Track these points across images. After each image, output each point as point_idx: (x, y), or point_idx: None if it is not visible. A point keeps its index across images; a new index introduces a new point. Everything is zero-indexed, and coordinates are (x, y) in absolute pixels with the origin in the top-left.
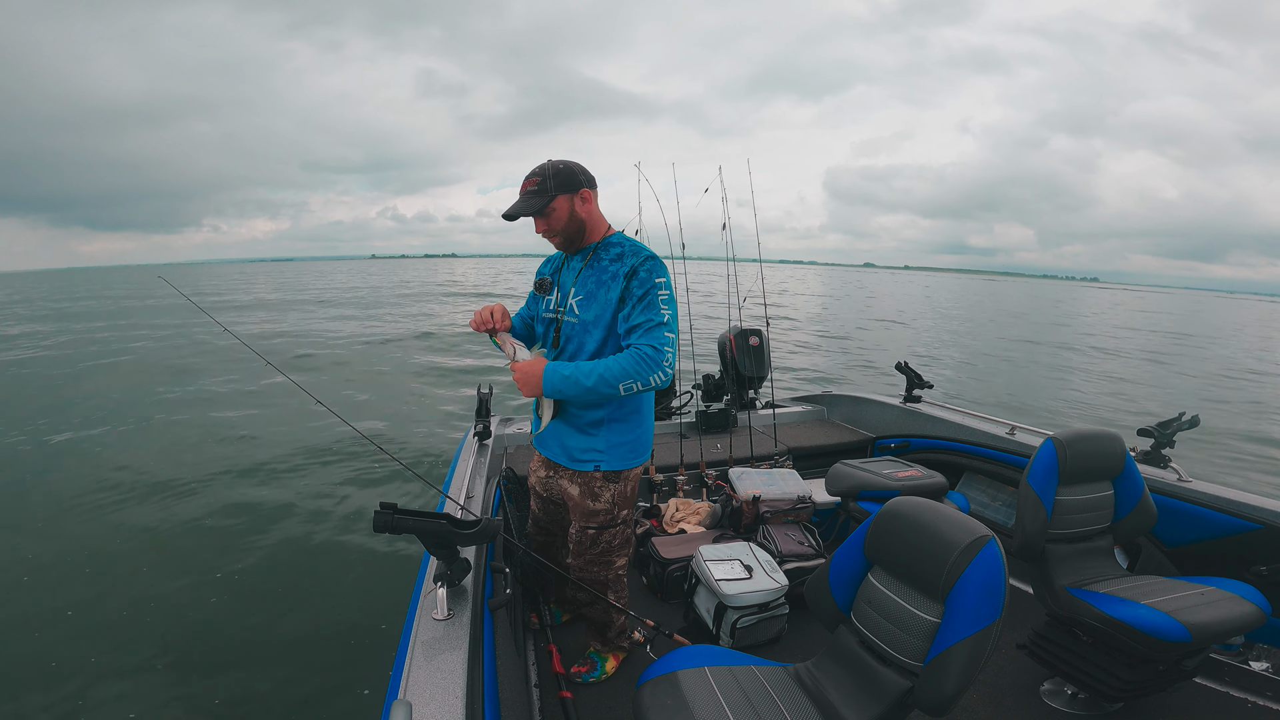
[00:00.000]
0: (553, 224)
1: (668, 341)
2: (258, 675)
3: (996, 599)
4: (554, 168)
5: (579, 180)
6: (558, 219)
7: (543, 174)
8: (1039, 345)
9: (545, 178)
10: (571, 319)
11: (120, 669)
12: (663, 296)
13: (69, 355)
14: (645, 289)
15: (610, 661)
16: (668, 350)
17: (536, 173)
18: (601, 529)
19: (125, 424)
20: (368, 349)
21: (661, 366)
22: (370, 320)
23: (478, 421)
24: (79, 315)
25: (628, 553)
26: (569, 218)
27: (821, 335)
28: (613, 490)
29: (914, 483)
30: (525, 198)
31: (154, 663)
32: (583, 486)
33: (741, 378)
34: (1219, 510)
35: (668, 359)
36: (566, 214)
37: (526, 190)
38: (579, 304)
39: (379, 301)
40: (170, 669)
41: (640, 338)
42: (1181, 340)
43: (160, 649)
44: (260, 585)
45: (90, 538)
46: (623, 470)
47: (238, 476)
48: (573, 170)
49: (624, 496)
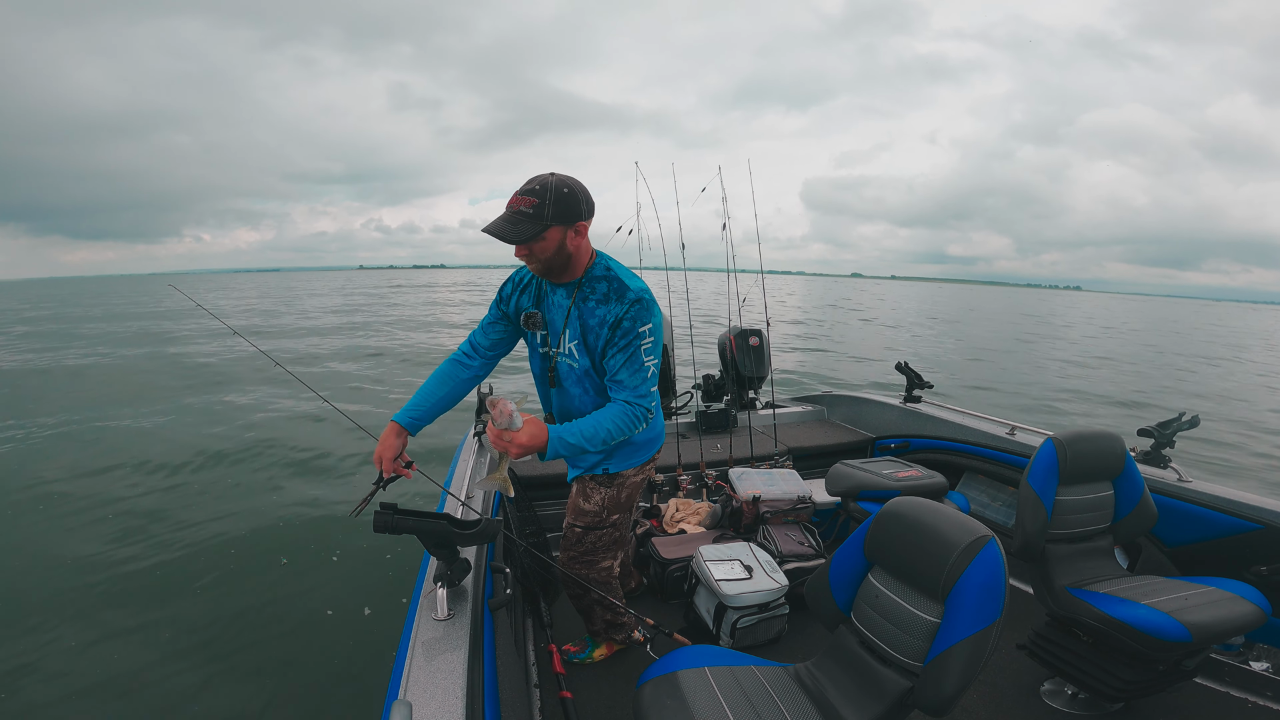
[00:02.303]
0: (537, 253)
1: (653, 396)
2: (257, 675)
3: (996, 599)
4: (556, 192)
5: (579, 212)
6: (543, 249)
7: (542, 197)
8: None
9: (544, 203)
10: (570, 363)
11: (120, 669)
12: (646, 347)
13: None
14: (628, 340)
15: (600, 649)
16: (652, 405)
17: (535, 192)
18: (588, 529)
19: (131, 420)
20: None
21: (641, 424)
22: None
23: (477, 422)
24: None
25: (617, 556)
26: (556, 250)
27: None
28: (603, 494)
29: (914, 483)
30: (515, 221)
31: (154, 662)
32: (578, 485)
33: (741, 378)
34: (1219, 510)
35: (650, 411)
36: (555, 247)
37: (518, 210)
38: (576, 349)
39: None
40: (170, 669)
41: (631, 395)
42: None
43: (160, 649)
44: (260, 585)
45: (87, 531)
46: (619, 473)
47: (236, 476)
48: (576, 198)
49: (615, 501)
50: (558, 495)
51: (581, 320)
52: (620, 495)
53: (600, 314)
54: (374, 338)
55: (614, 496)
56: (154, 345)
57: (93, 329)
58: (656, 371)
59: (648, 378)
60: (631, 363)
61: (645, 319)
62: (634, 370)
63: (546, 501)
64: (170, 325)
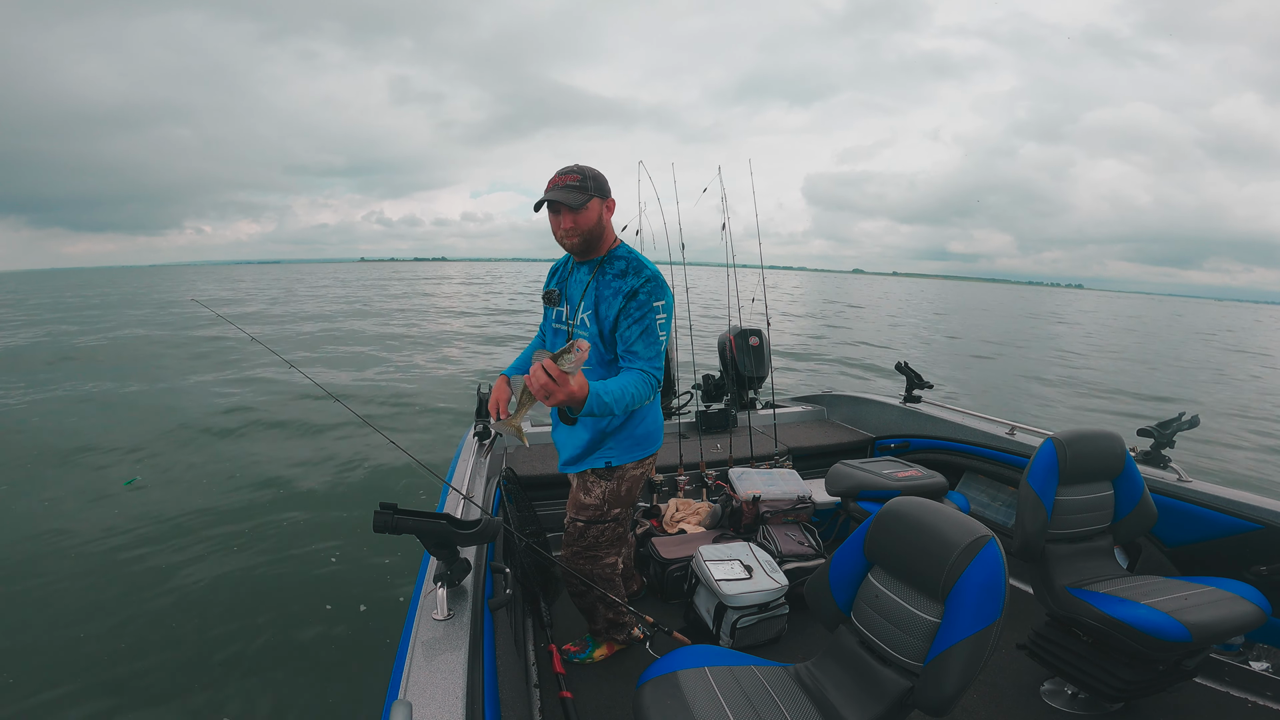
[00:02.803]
0: (580, 223)
1: (661, 369)
2: (257, 675)
3: (996, 599)
4: (592, 171)
5: (608, 190)
6: (587, 219)
7: (583, 173)
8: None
9: (586, 177)
10: (583, 332)
11: (118, 669)
12: (660, 321)
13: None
14: (643, 312)
15: (601, 649)
16: (660, 376)
17: (575, 170)
18: (589, 523)
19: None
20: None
21: (658, 390)
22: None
23: (477, 421)
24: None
25: (619, 552)
26: (597, 221)
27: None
28: (604, 487)
29: (914, 483)
30: (567, 190)
31: (152, 664)
32: (579, 479)
33: (741, 378)
34: (1219, 510)
35: (659, 382)
36: (596, 217)
37: (567, 183)
38: (589, 318)
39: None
40: (169, 669)
41: (647, 365)
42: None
43: (158, 650)
44: (259, 585)
45: (96, 529)
46: (619, 467)
47: (234, 476)
48: (606, 180)
49: (616, 495)
50: (558, 495)
51: (598, 291)
52: (620, 489)
53: (616, 285)
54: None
55: (614, 490)
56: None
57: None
58: (664, 349)
59: (661, 350)
60: (647, 334)
61: (660, 295)
62: (649, 341)
63: (546, 501)
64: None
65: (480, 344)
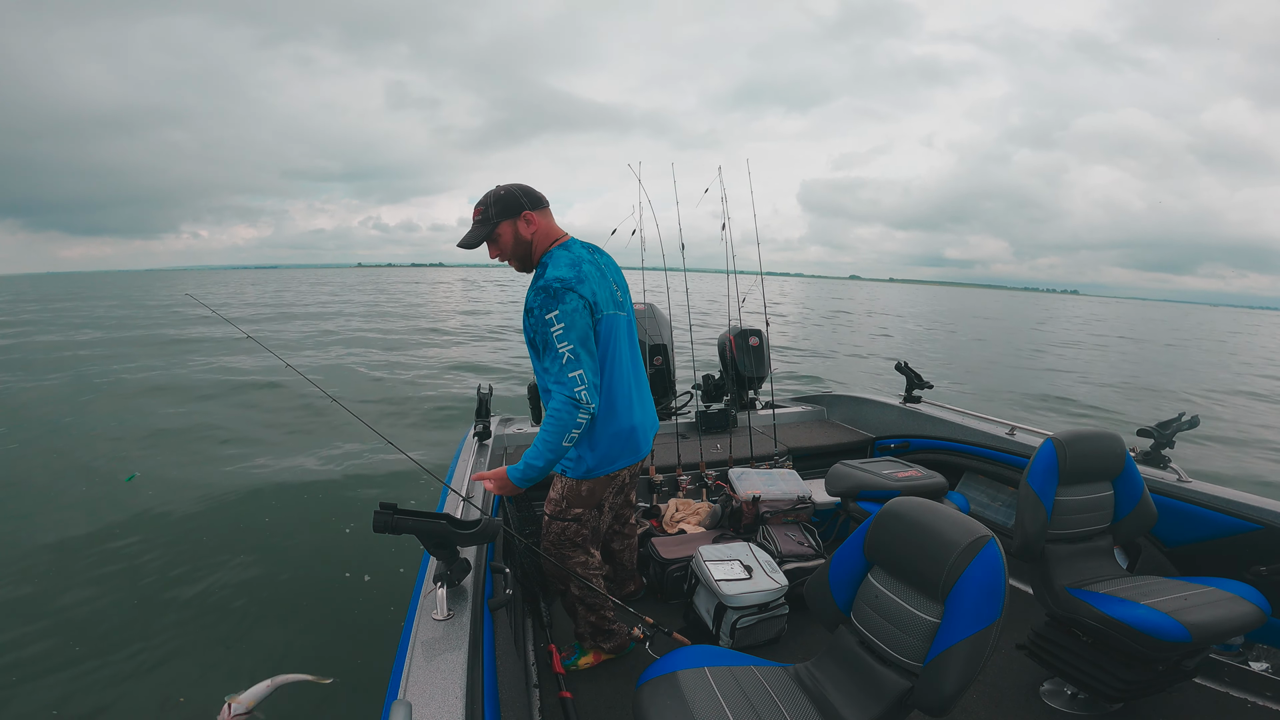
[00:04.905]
0: (500, 248)
1: (575, 380)
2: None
3: (996, 599)
4: (495, 195)
5: (519, 204)
6: (504, 244)
7: (485, 203)
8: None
9: (488, 206)
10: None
11: (117, 669)
12: (556, 333)
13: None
14: (537, 329)
15: (587, 657)
16: (578, 390)
17: (481, 202)
18: (552, 518)
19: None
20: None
21: (577, 411)
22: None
23: (477, 422)
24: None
25: (585, 554)
26: (514, 241)
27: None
28: (563, 484)
29: (914, 483)
30: (475, 227)
31: (151, 663)
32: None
33: (741, 378)
34: (1219, 510)
35: (580, 398)
36: (511, 238)
37: (474, 219)
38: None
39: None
40: (168, 670)
41: (551, 382)
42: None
43: (157, 650)
44: (259, 585)
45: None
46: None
47: (234, 477)
48: (514, 195)
49: (575, 493)
50: None
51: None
52: (580, 489)
53: (526, 300)
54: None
55: (573, 488)
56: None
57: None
58: (579, 359)
59: (564, 364)
60: (548, 351)
61: (550, 307)
62: (552, 357)
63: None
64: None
65: (480, 343)
